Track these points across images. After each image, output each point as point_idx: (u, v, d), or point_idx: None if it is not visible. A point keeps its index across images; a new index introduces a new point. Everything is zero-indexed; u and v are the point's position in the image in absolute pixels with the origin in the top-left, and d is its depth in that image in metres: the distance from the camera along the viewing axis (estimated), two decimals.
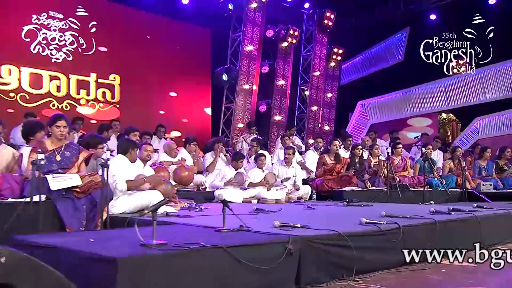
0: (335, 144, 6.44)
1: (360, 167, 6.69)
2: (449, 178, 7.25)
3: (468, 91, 11.15)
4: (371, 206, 4.84)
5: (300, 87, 11.40)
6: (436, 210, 3.79)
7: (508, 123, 10.76)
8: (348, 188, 6.13)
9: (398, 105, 12.18)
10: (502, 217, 4.01)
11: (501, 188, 7.44)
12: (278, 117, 10.20)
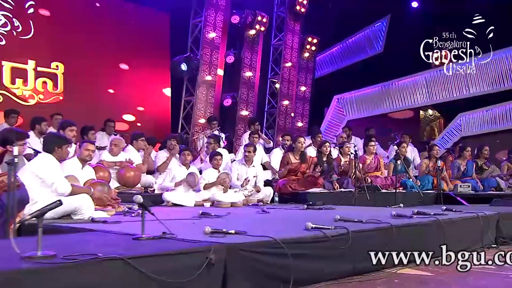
0: (300, 141, 6.38)
1: (328, 167, 6.67)
2: (425, 179, 7.32)
3: (451, 85, 11.33)
4: (333, 209, 4.81)
5: (270, 80, 11.33)
6: (398, 214, 3.76)
7: (493, 120, 10.99)
8: (313, 190, 6.09)
9: (376, 100, 12.27)
10: (469, 221, 4.02)
11: (480, 190, 7.56)
12: (244, 112, 10.10)
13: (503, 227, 4.39)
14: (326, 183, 6.45)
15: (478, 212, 4.21)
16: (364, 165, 7.33)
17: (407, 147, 7.60)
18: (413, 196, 6.68)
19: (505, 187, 7.59)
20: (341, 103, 12.79)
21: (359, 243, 2.94)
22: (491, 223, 4.28)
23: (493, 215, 4.36)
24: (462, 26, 10.37)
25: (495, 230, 4.34)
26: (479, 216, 4.12)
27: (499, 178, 7.88)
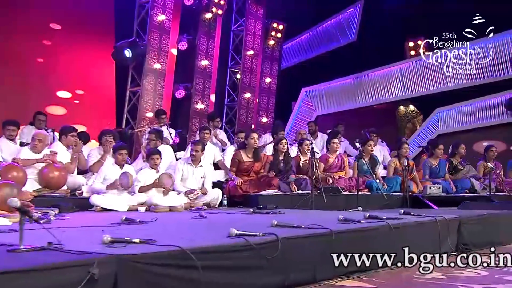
0: (253, 137, 6.29)
1: (285, 167, 6.61)
2: (393, 180, 7.35)
3: (428, 78, 11.48)
4: (282, 213, 4.73)
5: (230, 69, 11.21)
6: (346, 218, 3.71)
7: (472, 116, 11.19)
8: (266, 192, 6.01)
9: (348, 93, 12.33)
10: (426, 226, 4.01)
11: (453, 192, 7.66)
12: (200, 105, 9.94)
13: (465, 232, 4.40)
14: (282, 184, 6.37)
15: (436, 216, 4.20)
16: (326, 164, 7.32)
17: (374, 145, 7.61)
18: (378, 199, 6.70)
19: (480, 189, 7.71)
20: (310, 97, 12.79)
21: (291, 251, 2.86)
22: (451, 228, 4.28)
23: (454, 220, 4.37)
24: (441, 11, 10.55)
25: (456, 236, 4.34)
26: (437, 221, 4.11)
27: (474, 179, 8.00)
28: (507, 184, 8.12)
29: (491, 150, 8.33)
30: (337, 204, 6.26)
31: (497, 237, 4.55)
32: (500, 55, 10.63)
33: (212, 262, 2.45)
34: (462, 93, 11.22)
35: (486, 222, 4.72)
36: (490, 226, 4.73)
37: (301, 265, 2.93)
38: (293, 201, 6.06)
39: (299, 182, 6.58)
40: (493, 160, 8.38)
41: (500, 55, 10.64)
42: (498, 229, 4.80)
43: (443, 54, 11.10)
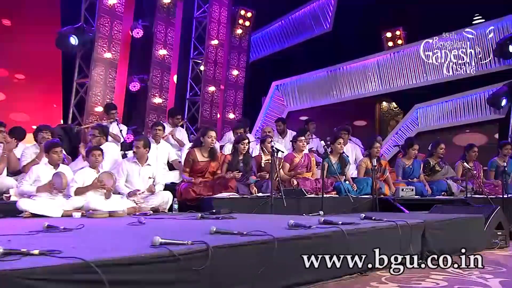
0: (210, 136, 6.16)
1: (245, 167, 6.50)
2: (363, 182, 7.32)
3: (406, 71, 11.53)
4: (234, 218, 4.62)
5: (192, 60, 11.04)
6: (297, 224, 3.61)
7: (452, 113, 11.28)
8: (222, 195, 5.88)
9: (322, 88, 12.30)
10: (385, 231, 3.94)
11: (428, 194, 7.67)
12: (157, 99, 9.75)
13: (431, 238, 4.37)
14: (241, 186, 6.26)
15: (398, 221, 4.14)
16: (291, 164, 7.25)
17: (344, 144, 7.56)
18: (346, 202, 6.65)
19: (457, 191, 7.74)
20: (281, 91, 12.73)
21: (225, 262, 2.74)
22: (415, 234, 4.23)
23: (418, 225, 4.32)
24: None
25: (420, 242, 4.30)
26: (398, 226, 4.05)
27: (452, 180, 8.03)
28: (487, 186, 8.18)
29: (473, 150, 8.36)
30: (300, 208, 6.17)
31: (465, 243, 4.48)
32: (483, 47, 10.74)
33: (124, 277, 2.31)
34: (443, 88, 11.31)
35: (454, 227, 4.70)
36: (458, 231, 4.71)
37: (237, 277, 2.82)
38: (252, 204, 5.95)
39: (259, 184, 6.49)
40: (474, 160, 8.44)
41: (483, 47, 10.75)
42: (467, 235, 4.78)
43: (426, 46, 11.26)
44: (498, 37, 10.44)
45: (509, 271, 3.91)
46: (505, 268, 3.97)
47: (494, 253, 4.91)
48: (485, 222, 5.23)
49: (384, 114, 12.82)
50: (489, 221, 5.26)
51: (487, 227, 5.21)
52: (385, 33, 11.65)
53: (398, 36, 11.59)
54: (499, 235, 5.37)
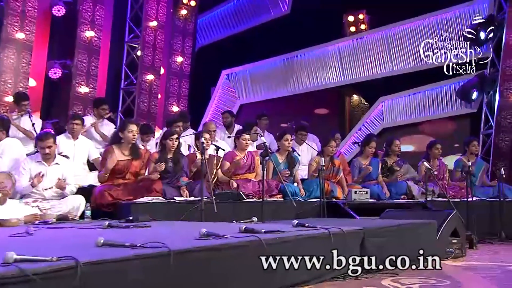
0: (130, 130, 5.97)
1: (175, 167, 6.35)
2: (313, 184, 7.26)
3: (370, 60, 11.58)
4: (148, 227, 4.48)
5: (127, 44, 10.79)
6: (210, 233, 3.48)
7: (420, 107, 11.40)
8: (145, 200, 5.71)
9: (278, 78, 12.24)
10: (312, 241, 3.87)
11: (386, 197, 7.69)
12: (84, 88, 9.46)
13: (371, 247, 4.33)
14: (169, 189, 6.10)
15: (331, 229, 4.08)
16: (232, 164, 7.14)
17: (290, 140, 7.49)
18: (291, 207, 6.57)
19: (418, 194, 7.76)
20: (232, 81, 12.61)
21: (101, 281, 2.58)
22: (351, 243, 4.18)
23: (356, 232, 4.28)
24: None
25: (359, 252, 4.26)
26: (330, 235, 3.98)
27: (413, 181, 8.07)
28: (452, 188, 8.27)
29: (435, 147, 8.43)
30: (238, 213, 6.05)
31: (413, 252, 4.46)
32: (452, 33, 10.88)
33: None
34: (411, 79, 11.41)
35: (400, 234, 4.67)
36: (405, 239, 4.69)
37: None
38: (179, 210, 5.81)
39: (192, 187, 6.34)
40: (438, 159, 8.52)
41: (452, 34, 10.89)
42: (416, 243, 4.76)
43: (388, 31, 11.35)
44: (469, 23, 10.59)
45: (453, 285, 3.90)
46: (449, 281, 3.96)
47: (446, 264, 4.91)
48: (438, 229, 5.25)
49: (354, 109, 12.85)
50: (443, 228, 5.28)
51: (440, 235, 5.23)
52: (347, 17, 11.68)
53: (361, 21, 11.64)
54: (454, 243, 5.40)
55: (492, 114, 10.25)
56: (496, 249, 6.26)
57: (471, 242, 6.41)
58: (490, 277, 4.10)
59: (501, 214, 7.58)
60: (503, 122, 10.03)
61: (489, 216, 7.81)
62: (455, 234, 5.46)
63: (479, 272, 4.28)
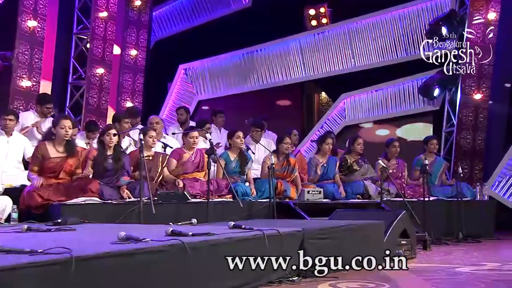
0: (63, 126, 5.72)
1: (115, 165, 6.13)
2: (264, 183, 7.12)
3: (333, 55, 11.51)
4: (73, 230, 4.28)
5: (76, 36, 10.47)
6: (129, 237, 3.30)
7: (382, 104, 11.36)
8: (76, 201, 5.48)
9: (237, 73, 12.09)
10: (245, 244, 3.73)
11: (342, 197, 7.61)
12: (26, 82, 9.10)
13: (311, 249, 4.21)
14: (108, 189, 5.88)
15: (267, 231, 3.94)
16: (179, 162, 6.97)
17: (242, 138, 7.34)
18: (240, 208, 6.43)
19: (375, 193, 7.70)
20: (190, 76, 12.41)
21: None
22: (289, 245, 4.06)
23: (294, 234, 4.16)
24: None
25: (297, 255, 4.13)
26: (265, 237, 3.85)
27: (371, 181, 7.99)
28: (410, 187, 8.25)
29: (393, 145, 8.41)
30: (182, 215, 5.88)
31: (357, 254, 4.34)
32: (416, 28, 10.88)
33: None
34: (375, 76, 11.38)
35: (343, 235, 4.57)
36: (349, 240, 4.59)
37: None
38: (118, 212, 5.60)
39: (133, 187, 6.13)
40: (396, 157, 8.49)
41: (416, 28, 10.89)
42: (360, 244, 4.67)
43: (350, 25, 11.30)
44: (431, 17, 10.60)
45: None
46: (388, 285, 3.86)
47: None
48: (386, 230, 5.17)
49: (323, 106, 12.74)
50: (391, 229, 5.21)
51: (388, 236, 5.15)
52: (308, 10, 11.58)
53: (322, 14, 11.55)
54: (403, 244, 5.33)
55: (454, 111, 10.26)
56: (450, 250, 6.24)
57: (424, 243, 6.40)
58: (432, 280, 4.03)
59: (459, 214, 7.58)
60: (465, 119, 10.05)
61: (446, 216, 7.82)
62: (405, 235, 5.40)
63: (423, 275, 4.21)
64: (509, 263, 5.03)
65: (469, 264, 4.95)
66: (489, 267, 4.74)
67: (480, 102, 10.09)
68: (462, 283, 4.00)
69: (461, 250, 6.23)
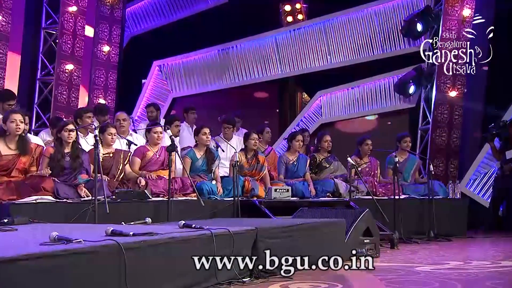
0: (13, 120, 5.49)
1: (72, 163, 5.92)
2: (231, 181, 6.95)
3: (309, 52, 11.37)
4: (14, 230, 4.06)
5: (44, 31, 10.23)
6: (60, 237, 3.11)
7: (358, 102, 11.25)
8: (27, 200, 5.27)
9: (212, 70, 11.91)
10: (189, 243, 3.56)
11: (312, 195, 7.46)
12: None
13: (265, 248, 4.03)
14: (63, 187, 5.65)
15: (216, 230, 3.78)
16: (143, 160, 6.79)
17: (209, 134, 7.16)
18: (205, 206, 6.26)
19: (345, 192, 7.54)
20: (165, 73, 12.21)
21: None
22: (240, 245, 3.89)
23: (246, 233, 3.99)
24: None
25: (250, 254, 3.98)
26: (212, 236, 3.68)
27: (342, 179, 7.85)
28: (383, 186, 8.12)
29: (365, 143, 8.29)
30: (143, 214, 5.68)
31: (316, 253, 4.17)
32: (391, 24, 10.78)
33: None
34: (350, 73, 11.27)
35: (300, 233, 4.42)
36: (307, 239, 4.44)
37: None
38: (72, 211, 5.39)
39: (91, 185, 5.92)
40: (369, 155, 8.37)
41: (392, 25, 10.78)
42: (319, 243, 4.53)
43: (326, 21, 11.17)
44: (407, 14, 10.50)
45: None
46: (341, 285, 3.71)
47: None
48: (348, 229, 5.03)
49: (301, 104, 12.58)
50: (353, 227, 5.07)
51: (350, 234, 5.01)
52: (284, 6, 11.44)
53: (298, 10, 11.42)
54: (366, 243, 5.19)
55: (430, 109, 10.16)
56: (417, 249, 6.11)
57: (392, 242, 6.27)
58: (387, 279, 3.88)
59: (430, 212, 7.46)
60: (440, 117, 9.94)
61: (418, 214, 7.70)
62: (368, 234, 5.26)
63: (380, 274, 4.06)
64: (472, 261, 4.90)
65: (432, 263, 4.82)
66: (451, 266, 4.61)
67: (455, 100, 9.98)
68: (416, 282, 3.86)
69: (428, 249, 6.10)
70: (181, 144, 8.23)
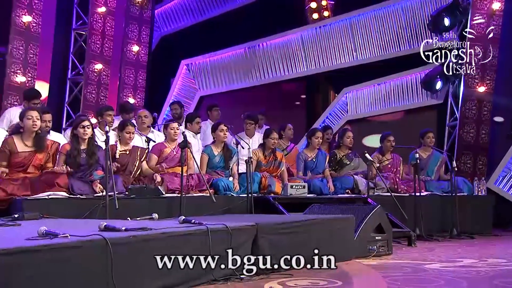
0: (30, 117, 5.50)
1: (88, 159, 5.91)
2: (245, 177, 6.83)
3: (336, 49, 11.14)
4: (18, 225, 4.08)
5: (75, 32, 10.32)
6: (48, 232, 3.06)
7: (385, 98, 10.94)
8: (39, 196, 5.26)
9: (239, 68, 11.80)
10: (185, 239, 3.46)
11: (330, 192, 7.27)
12: (20, 77, 8.97)
13: (266, 246, 3.92)
14: (78, 184, 5.64)
15: (213, 225, 3.66)
16: (160, 156, 6.74)
17: (226, 131, 7.05)
18: (219, 202, 6.18)
19: (364, 188, 7.30)
20: (192, 72, 12.17)
21: None
22: (240, 240, 3.77)
23: (245, 229, 3.87)
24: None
25: (249, 252, 3.85)
26: (208, 232, 3.56)
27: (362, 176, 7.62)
28: (405, 183, 7.84)
29: (388, 139, 8.04)
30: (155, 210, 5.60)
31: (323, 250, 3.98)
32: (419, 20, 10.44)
33: None
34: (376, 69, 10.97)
35: (305, 230, 4.26)
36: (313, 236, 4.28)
37: None
38: (85, 206, 5.37)
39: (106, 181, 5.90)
40: (391, 152, 8.11)
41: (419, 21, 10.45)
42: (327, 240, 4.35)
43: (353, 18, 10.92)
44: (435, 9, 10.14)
45: (343, 286, 3.48)
46: (341, 282, 3.54)
47: (360, 262, 4.50)
48: (358, 225, 4.84)
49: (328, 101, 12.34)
50: (363, 224, 4.87)
51: (360, 231, 4.81)
52: (310, 3, 11.24)
53: (324, 7, 11.19)
54: (378, 240, 4.98)
55: (457, 105, 9.80)
56: (435, 247, 5.85)
57: (409, 239, 6.04)
58: (391, 277, 3.69)
59: (453, 209, 7.16)
60: (468, 113, 9.58)
61: (441, 211, 7.40)
62: (380, 231, 5.05)
63: (385, 271, 3.87)
64: (487, 259, 4.64)
65: (444, 261, 4.59)
66: (463, 264, 4.39)
67: (484, 95, 9.59)
68: (421, 280, 3.67)
69: (447, 247, 5.84)
70: (204, 142, 8.16)
